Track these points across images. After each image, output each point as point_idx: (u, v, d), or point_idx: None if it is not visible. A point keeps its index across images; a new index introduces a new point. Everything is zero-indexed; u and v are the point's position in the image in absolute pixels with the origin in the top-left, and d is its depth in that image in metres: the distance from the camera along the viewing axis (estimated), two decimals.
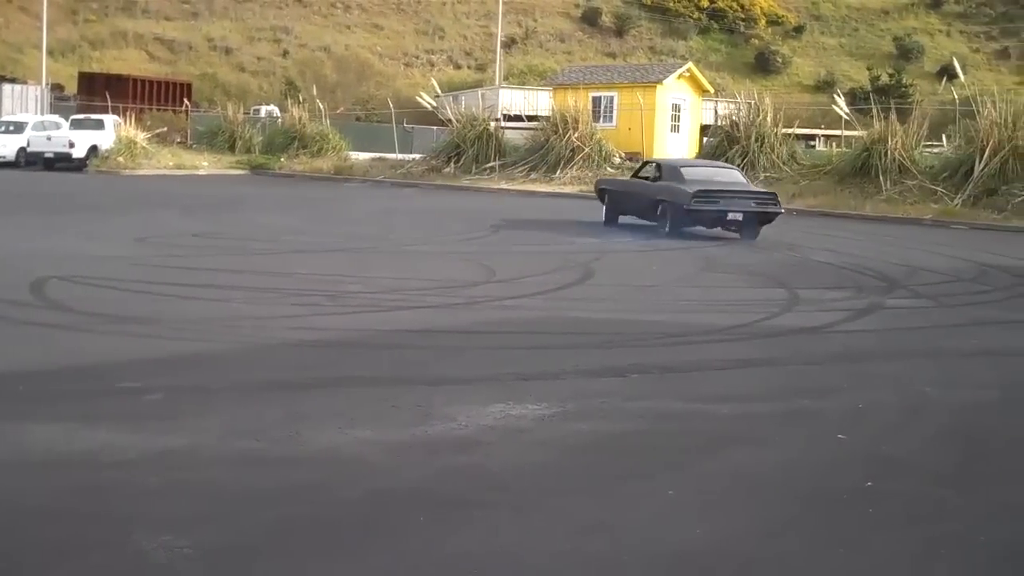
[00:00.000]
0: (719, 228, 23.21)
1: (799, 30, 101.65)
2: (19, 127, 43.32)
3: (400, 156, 45.97)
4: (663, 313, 13.18)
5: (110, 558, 5.18)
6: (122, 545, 5.31)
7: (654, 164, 25.51)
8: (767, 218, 23.11)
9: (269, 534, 5.56)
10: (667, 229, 22.89)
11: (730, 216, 22.70)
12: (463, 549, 5.45)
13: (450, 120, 43.05)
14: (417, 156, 44.90)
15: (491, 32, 79.91)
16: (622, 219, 25.47)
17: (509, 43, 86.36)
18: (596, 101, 45.39)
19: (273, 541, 5.47)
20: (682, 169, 24.25)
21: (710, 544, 5.63)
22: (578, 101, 41.20)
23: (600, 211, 26.13)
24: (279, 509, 5.91)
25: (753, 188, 25.00)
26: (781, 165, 36.86)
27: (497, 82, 65.91)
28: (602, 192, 26.50)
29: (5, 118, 46.85)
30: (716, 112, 42.78)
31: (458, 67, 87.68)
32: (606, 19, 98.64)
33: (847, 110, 38.54)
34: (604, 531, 5.76)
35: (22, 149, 42.01)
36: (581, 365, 9.85)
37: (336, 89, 70.61)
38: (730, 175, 24.53)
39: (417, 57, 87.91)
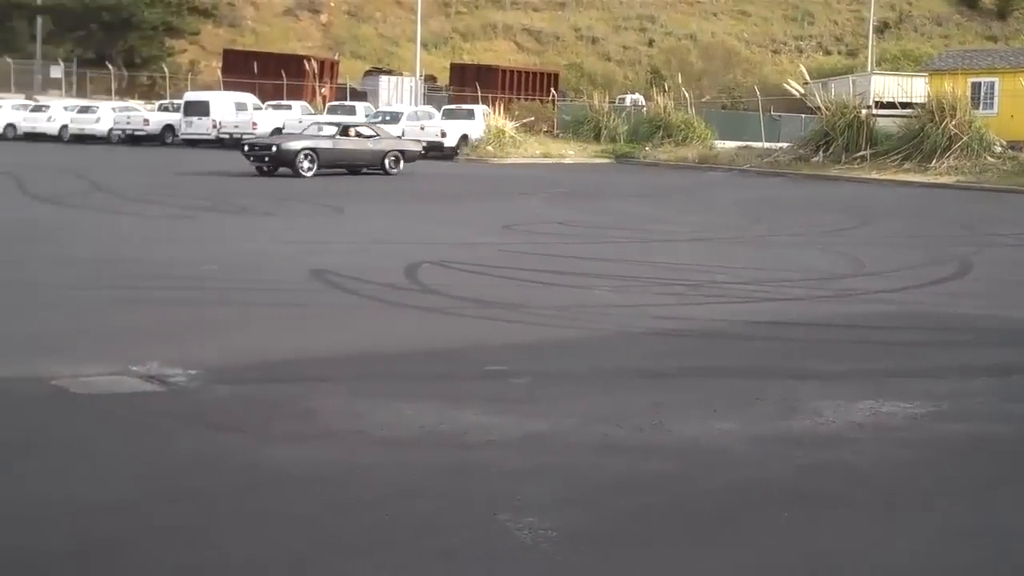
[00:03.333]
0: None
1: None
2: (395, 117, 45.32)
3: (766, 145, 45.30)
4: None
5: (477, 536, 5.30)
6: (488, 524, 5.42)
7: (356, 128, 34.24)
8: None
9: (629, 521, 5.55)
10: (399, 170, 32.69)
11: None
12: (826, 547, 5.28)
13: (819, 107, 42.04)
14: (784, 145, 44.11)
15: (863, 16, 77.64)
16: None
17: (882, 28, 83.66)
18: (975, 87, 43.27)
19: (633, 528, 5.47)
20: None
21: None
22: (956, 87, 39.40)
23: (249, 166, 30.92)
24: (639, 496, 5.90)
25: None
26: None
27: (869, 68, 63.98)
28: (302, 153, 30.87)
29: (382, 108, 49.11)
30: None
31: (828, 53, 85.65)
32: (987, 0, 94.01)
33: None
34: (977, 537, 5.46)
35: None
36: (956, 363, 9.40)
37: (701, 77, 70.36)
38: None
39: (785, 43, 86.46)
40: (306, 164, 30.83)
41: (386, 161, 32.93)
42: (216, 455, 6.46)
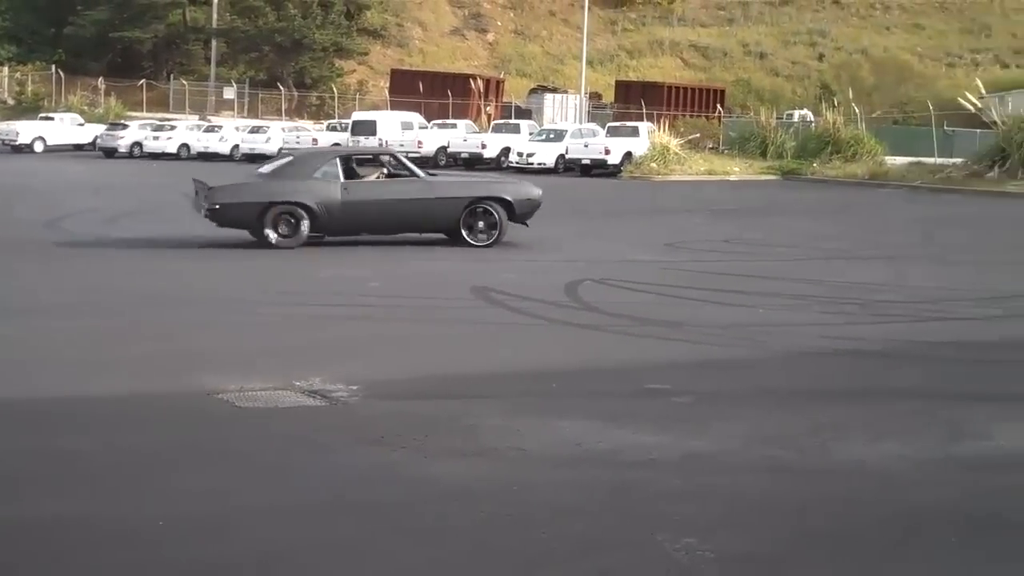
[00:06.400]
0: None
1: None
2: (559, 135, 45.48)
3: (939, 161, 44.18)
4: None
5: (633, 556, 5.25)
6: (644, 545, 5.36)
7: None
8: None
9: (791, 545, 5.44)
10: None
11: None
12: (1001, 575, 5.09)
13: (995, 122, 40.85)
14: (957, 161, 42.95)
15: None
16: None
17: None
18: None
19: (795, 552, 5.35)
20: None
21: None
22: None
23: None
24: (802, 520, 5.78)
25: None
26: None
27: None
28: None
29: (547, 126, 49.31)
30: None
31: (1005, 66, 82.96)
32: None
33: None
34: None
35: (561, 156, 44.03)
36: None
37: (872, 92, 68.83)
38: None
39: (960, 57, 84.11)
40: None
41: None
42: (376, 470, 6.51)
